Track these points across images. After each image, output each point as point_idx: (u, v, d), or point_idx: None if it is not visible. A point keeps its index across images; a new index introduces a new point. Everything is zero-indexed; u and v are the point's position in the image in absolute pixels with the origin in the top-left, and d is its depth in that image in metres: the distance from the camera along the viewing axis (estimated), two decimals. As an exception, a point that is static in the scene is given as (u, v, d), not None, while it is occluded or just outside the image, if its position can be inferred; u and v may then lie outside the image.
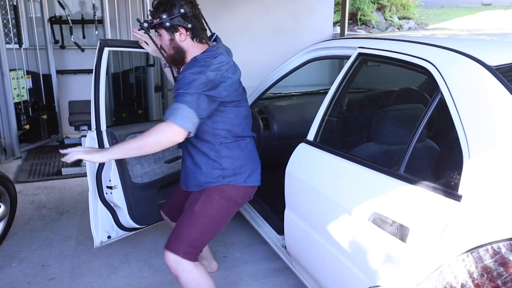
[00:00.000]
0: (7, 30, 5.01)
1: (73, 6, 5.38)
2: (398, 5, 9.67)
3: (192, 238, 1.94)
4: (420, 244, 1.33)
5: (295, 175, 2.03)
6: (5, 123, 4.74)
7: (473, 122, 1.32)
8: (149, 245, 2.90)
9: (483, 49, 1.58)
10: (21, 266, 2.67)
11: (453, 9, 11.79)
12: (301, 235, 1.99)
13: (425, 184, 1.39)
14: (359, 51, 1.94)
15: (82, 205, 3.50)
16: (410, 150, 1.50)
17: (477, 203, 1.23)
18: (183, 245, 1.92)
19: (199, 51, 1.91)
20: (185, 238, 1.93)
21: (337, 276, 1.73)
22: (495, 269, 1.13)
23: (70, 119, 4.23)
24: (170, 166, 2.54)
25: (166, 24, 1.87)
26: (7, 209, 2.86)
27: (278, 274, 2.59)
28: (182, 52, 1.92)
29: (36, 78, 5.00)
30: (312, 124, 2.03)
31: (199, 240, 1.97)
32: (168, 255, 1.92)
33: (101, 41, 2.19)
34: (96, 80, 2.19)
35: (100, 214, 2.38)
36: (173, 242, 1.94)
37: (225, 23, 5.96)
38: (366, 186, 1.62)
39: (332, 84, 2.01)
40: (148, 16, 1.99)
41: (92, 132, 2.25)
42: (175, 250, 1.91)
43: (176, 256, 1.90)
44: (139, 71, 4.73)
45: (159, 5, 1.88)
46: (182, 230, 1.95)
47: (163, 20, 1.86)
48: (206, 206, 1.95)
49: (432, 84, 1.51)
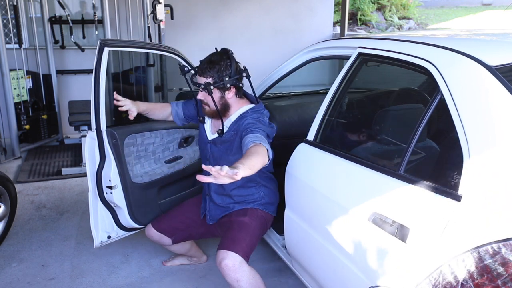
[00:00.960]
0: (7, 30, 5.01)
1: (73, 6, 5.38)
2: (398, 5, 9.67)
3: (246, 243, 2.03)
4: (420, 244, 1.33)
5: (295, 175, 2.03)
6: (5, 123, 4.74)
7: (473, 122, 1.32)
8: (149, 245, 2.90)
9: (483, 49, 1.58)
10: (21, 266, 2.67)
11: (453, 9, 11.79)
12: (301, 235, 1.99)
13: (425, 184, 1.39)
14: (359, 51, 1.94)
15: (82, 205, 3.50)
16: (410, 150, 1.50)
17: (477, 203, 1.23)
18: (242, 247, 1.98)
19: (240, 105, 2.13)
20: (242, 241, 2.01)
21: (337, 276, 1.73)
22: (495, 269, 1.13)
23: (70, 119, 4.23)
24: (170, 166, 2.54)
25: (227, 85, 2.01)
26: (7, 209, 2.86)
27: (278, 274, 2.59)
28: (228, 107, 2.10)
29: (36, 78, 5.00)
30: (312, 124, 2.03)
31: (249, 246, 2.05)
32: (229, 255, 1.93)
33: (101, 41, 2.20)
34: (96, 80, 2.19)
35: (100, 214, 2.38)
36: (232, 245, 1.98)
37: (225, 23, 5.96)
38: (366, 186, 1.62)
39: (332, 84, 2.01)
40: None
41: (92, 132, 2.25)
42: (236, 251, 1.95)
43: (237, 256, 1.94)
44: (139, 71, 4.73)
45: (213, 64, 2.02)
46: (236, 235, 2.04)
47: (224, 82, 2.01)
48: (252, 221, 2.13)
49: (432, 84, 1.51)
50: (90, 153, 2.29)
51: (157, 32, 4.75)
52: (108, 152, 2.25)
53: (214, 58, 2.03)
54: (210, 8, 5.85)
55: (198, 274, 2.60)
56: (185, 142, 2.62)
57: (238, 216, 2.16)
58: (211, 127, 2.22)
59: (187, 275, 2.59)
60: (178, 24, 5.50)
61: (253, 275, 1.97)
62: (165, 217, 2.39)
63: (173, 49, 2.54)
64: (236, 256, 1.94)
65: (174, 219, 2.37)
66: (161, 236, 2.36)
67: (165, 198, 2.55)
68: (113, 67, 4.69)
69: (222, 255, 1.95)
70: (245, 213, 2.16)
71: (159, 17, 4.58)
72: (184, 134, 2.61)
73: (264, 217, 2.19)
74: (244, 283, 1.93)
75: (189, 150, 2.65)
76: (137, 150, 2.39)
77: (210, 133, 2.22)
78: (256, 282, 1.97)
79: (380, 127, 1.90)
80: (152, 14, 4.61)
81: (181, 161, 2.59)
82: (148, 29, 4.73)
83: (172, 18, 5.16)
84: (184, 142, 2.62)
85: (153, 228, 2.36)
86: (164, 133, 2.50)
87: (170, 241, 2.38)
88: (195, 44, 5.81)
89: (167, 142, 2.53)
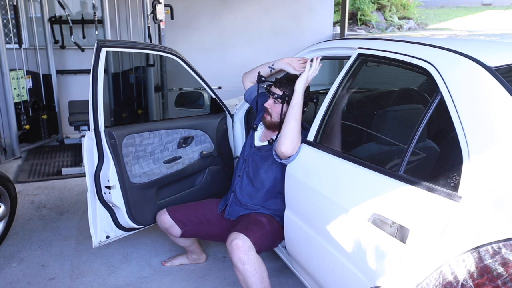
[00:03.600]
0: (7, 30, 5.02)
1: (73, 6, 5.38)
2: (398, 5, 9.68)
3: (259, 236, 2.08)
4: (420, 245, 1.33)
5: (295, 176, 2.03)
6: (5, 123, 4.74)
7: (473, 123, 1.32)
8: (149, 245, 2.91)
9: (483, 50, 1.58)
10: (21, 266, 2.67)
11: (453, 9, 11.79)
12: (301, 235, 1.99)
13: (425, 185, 1.39)
14: (359, 51, 1.94)
15: (82, 205, 3.50)
16: (410, 151, 1.50)
17: (476, 204, 1.23)
18: (254, 237, 2.04)
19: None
20: (255, 232, 2.07)
21: (337, 277, 1.73)
22: (495, 269, 1.13)
23: (70, 119, 4.23)
24: (168, 166, 2.54)
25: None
26: (7, 209, 2.86)
27: (278, 274, 2.60)
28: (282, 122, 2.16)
29: (36, 78, 5.00)
30: (312, 124, 2.03)
31: (261, 240, 2.08)
32: (240, 237, 1.99)
33: (98, 41, 2.20)
34: (93, 81, 2.19)
35: (99, 214, 2.38)
36: (245, 231, 2.05)
37: (225, 23, 5.96)
38: (366, 187, 1.62)
39: (332, 84, 2.01)
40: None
41: (90, 132, 2.25)
42: (248, 236, 2.01)
43: (248, 240, 1.99)
44: (139, 71, 4.73)
45: (291, 81, 2.18)
46: (251, 227, 2.10)
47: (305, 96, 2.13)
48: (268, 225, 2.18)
49: (432, 85, 1.51)
50: (89, 153, 2.29)
51: (157, 32, 4.76)
52: (107, 152, 2.25)
53: (292, 77, 2.22)
54: (210, 8, 5.85)
55: (198, 274, 2.60)
56: (184, 143, 2.62)
57: (257, 216, 2.23)
58: (262, 135, 2.36)
59: (187, 275, 2.60)
60: (178, 24, 5.51)
61: (259, 264, 2.00)
62: (183, 208, 2.42)
63: (172, 49, 2.54)
64: (247, 239, 1.99)
65: (191, 212, 2.39)
66: (172, 225, 2.36)
67: (164, 199, 2.55)
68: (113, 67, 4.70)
69: (234, 235, 2.01)
70: (265, 216, 2.23)
71: (159, 17, 4.58)
72: (183, 134, 2.61)
73: (278, 229, 2.23)
74: (249, 267, 1.95)
75: (188, 150, 2.64)
76: (135, 150, 2.39)
77: (258, 140, 2.36)
78: (261, 270, 1.99)
79: (380, 127, 1.90)
80: (152, 14, 4.61)
81: (180, 162, 2.59)
82: (148, 29, 4.73)
83: (172, 18, 5.16)
84: (183, 142, 2.62)
85: (168, 214, 2.37)
86: (163, 133, 2.50)
87: (179, 232, 2.37)
88: (195, 44, 5.82)
89: (166, 142, 2.53)
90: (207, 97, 2.82)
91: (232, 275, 2.57)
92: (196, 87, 3.04)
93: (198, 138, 2.68)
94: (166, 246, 2.89)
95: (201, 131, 2.69)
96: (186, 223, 2.36)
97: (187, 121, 2.65)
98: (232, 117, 2.85)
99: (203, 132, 2.70)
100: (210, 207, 2.44)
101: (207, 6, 5.82)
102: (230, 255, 1.99)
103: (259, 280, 1.97)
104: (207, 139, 2.72)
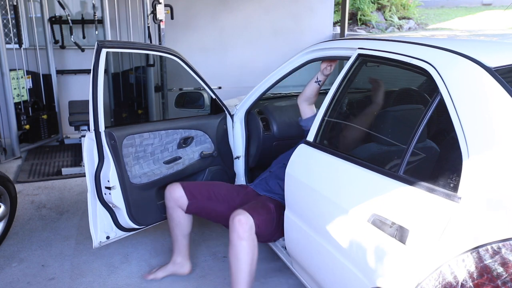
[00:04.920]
0: (7, 30, 5.01)
1: (73, 6, 5.38)
2: (398, 5, 9.68)
3: (263, 219, 2.11)
4: (420, 246, 1.33)
5: (295, 176, 2.03)
6: (5, 123, 4.74)
7: (473, 124, 1.32)
8: (149, 245, 2.91)
9: (483, 50, 1.58)
10: (21, 266, 2.67)
11: (453, 9, 11.79)
12: (301, 236, 1.99)
13: (424, 185, 1.39)
14: (359, 52, 1.94)
15: (82, 205, 3.50)
16: (409, 151, 1.50)
17: (476, 204, 1.23)
18: (258, 218, 2.06)
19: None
20: (260, 215, 2.10)
21: (337, 277, 1.73)
22: (495, 269, 1.13)
23: (70, 119, 4.23)
24: (169, 167, 2.54)
25: None
26: (7, 209, 2.86)
27: (278, 274, 2.60)
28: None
29: (36, 78, 5.00)
30: (312, 124, 2.03)
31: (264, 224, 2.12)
32: (245, 215, 2.02)
33: (98, 42, 2.20)
34: (94, 81, 2.19)
35: (99, 215, 2.38)
36: (250, 210, 2.07)
37: (225, 23, 5.96)
38: (366, 187, 1.62)
39: (332, 85, 2.01)
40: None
41: (90, 133, 2.25)
42: (252, 216, 2.03)
43: (251, 219, 2.01)
44: (139, 71, 4.73)
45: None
46: (258, 209, 2.13)
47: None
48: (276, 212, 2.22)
49: (432, 85, 1.51)
50: (89, 153, 2.29)
51: (157, 32, 4.76)
52: (107, 153, 2.25)
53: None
54: (210, 8, 5.85)
55: (198, 274, 2.60)
56: (184, 143, 2.62)
57: (267, 201, 2.29)
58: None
59: (187, 275, 2.59)
60: (178, 24, 5.51)
61: (255, 245, 2.04)
62: (194, 182, 2.50)
63: (171, 50, 2.54)
64: (251, 218, 2.02)
65: (203, 186, 2.45)
66: (182, 195, 2.37)
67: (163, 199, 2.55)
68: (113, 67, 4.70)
69: (239, 212, 2.04)
70: (273, 203, 2.27)
71: (159, 17, 4.58)
72: (183, 134, 2.61)
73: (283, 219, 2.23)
74: (245, 244, 1.99)
75: (188, 150, 2.64)
76: (135, 151, 2.39)
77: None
78: (254, 252, 2.03)
79: (379, 128, 1.90)
80: (152, 14, 4.61)
81: (180, 162, 2.59)
82: (148, 29, 4.73)
83: (172, 18, 5.17)
84: (183, 142, 2.62)
85: (180, 185, 2.41)
86: (163, 134, 2.51)
87: (187, 204, 2.37)
88: (195, 44, 5.82)
89: (166, 143, 2.53)
90: (207, 97, 2.82)
91: (232, 275, 2.57)
92: (196, 87, 3.04)
93: (198, 138, 2.69)
94: (166, 246, 2.89)
95: (201, 132, 2.69)
96: (196, 194, 2.38)
97: (187, 121, 2.65)
98: (232, 117, 2.85)
99: (203, 133, 2.70)
100: (225, 187, 2.51)
101: (207, 6, 5.82)
102: (230, 231, 2.02)
103: (249, 261, 2.01)
104: (207, 139, 2.72)
